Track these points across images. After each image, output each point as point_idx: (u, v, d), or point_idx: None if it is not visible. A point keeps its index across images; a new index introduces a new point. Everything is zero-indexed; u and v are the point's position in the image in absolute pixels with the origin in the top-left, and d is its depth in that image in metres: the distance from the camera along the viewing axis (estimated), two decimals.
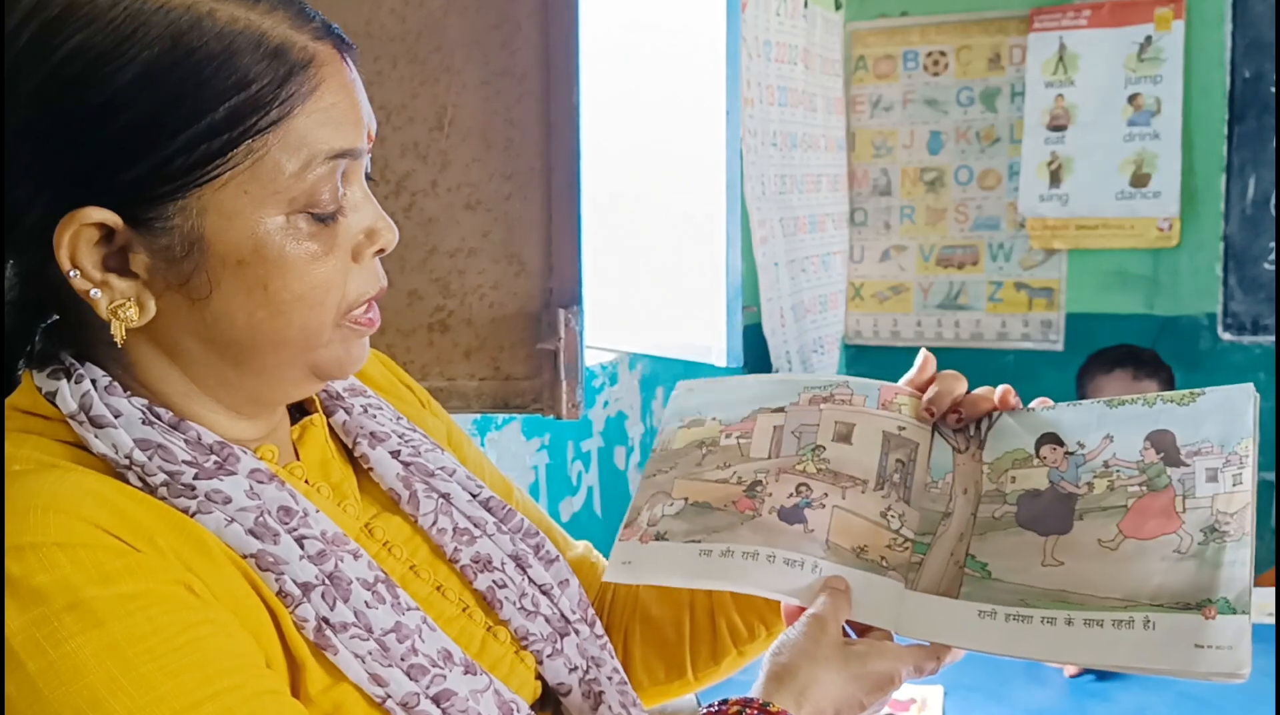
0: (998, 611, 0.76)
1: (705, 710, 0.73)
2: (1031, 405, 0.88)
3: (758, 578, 0.82)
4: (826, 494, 0.84)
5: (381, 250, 0.73)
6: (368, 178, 0.74)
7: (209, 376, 0.71)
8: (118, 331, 0.67)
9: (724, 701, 0.73)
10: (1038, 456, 0.83)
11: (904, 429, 0.87)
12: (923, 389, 0.90)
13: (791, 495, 0.85)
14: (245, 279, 0.67)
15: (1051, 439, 0.83)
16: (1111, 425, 0.81)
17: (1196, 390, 0.80)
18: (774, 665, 0.76)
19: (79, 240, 0.65)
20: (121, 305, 0.66)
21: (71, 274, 0.65)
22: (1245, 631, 0.70)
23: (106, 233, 0.66)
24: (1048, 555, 0.78)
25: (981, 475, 0.84)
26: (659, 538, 0.86)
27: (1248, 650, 0.69)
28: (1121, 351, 2.83)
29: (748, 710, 0.72)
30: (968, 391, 0.88)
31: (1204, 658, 0.69)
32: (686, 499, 0.88)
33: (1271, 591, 2.40)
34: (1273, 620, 2.19)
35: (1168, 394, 0.81)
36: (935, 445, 0.86)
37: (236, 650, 0.63)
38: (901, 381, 0.92)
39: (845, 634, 0.79)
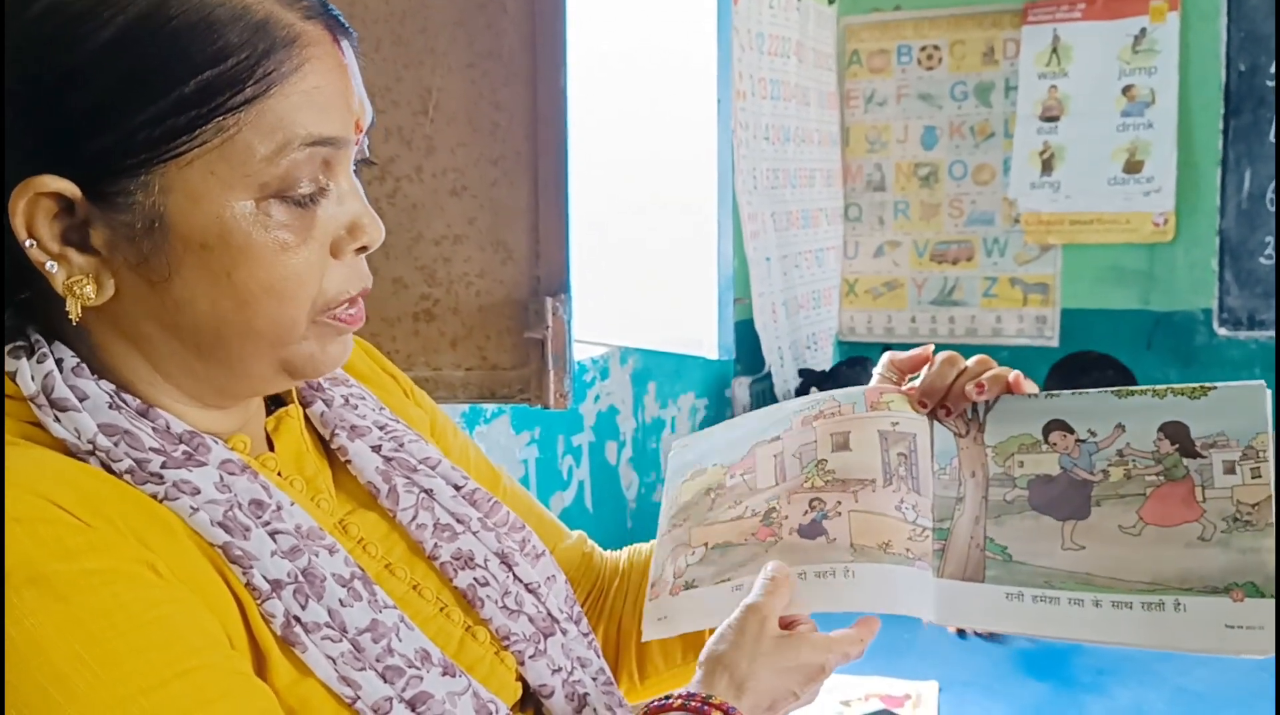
0: (1024, 593, 0.79)
1: (650, 706, 0.73)
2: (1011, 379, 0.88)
3: (803, 597, 0.83)
4: (840, 501, 0.85)
5: (365, 248, 0.69)
6: (370, 163, 0.71)
7: (172, 365, 0.68)
8: (73, 308, 0.64)
9: (667, 697, 0.73)
10: (1046, 442, 0.84)
11: (897, 424, 0.88)
12: (906, 374, 0.90)
13: (807, 511, 0.86)
14: (208, 265, 0.64)
15: (1060, 426, 0.85)
16: (1122, 415, 0.83)
17: (1206, 384, 0.82)
18: (712, 658, 0.77)
19: (36, 209, 0.62)
20: (78, 281, 0.63)
21: (28, 244, 0.63)
22: (1272, 613, 0.73)
23: (67, 204, 0.63)
24: (1067, 539, 0.80)
25: (986, 458, 0.86)
26: (688, 587, 0.88)
27: (1273, 630, 0.73)
28: (1089, 358, 2.85)
29: (691, 703, 0.72)
30: (966, 368, 0.88)
31: (1234, 638, 0.73)
32: (706, 544, 0.89)
33: None
34: None
35: (1177, 387, 0.83)
36: (937, 432, 0.87)
37: (204, 629, 0.61)
38: (882, 362, 0.92)
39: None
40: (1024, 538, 0.81)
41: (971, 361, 0.88)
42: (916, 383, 0.89)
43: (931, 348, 0.89)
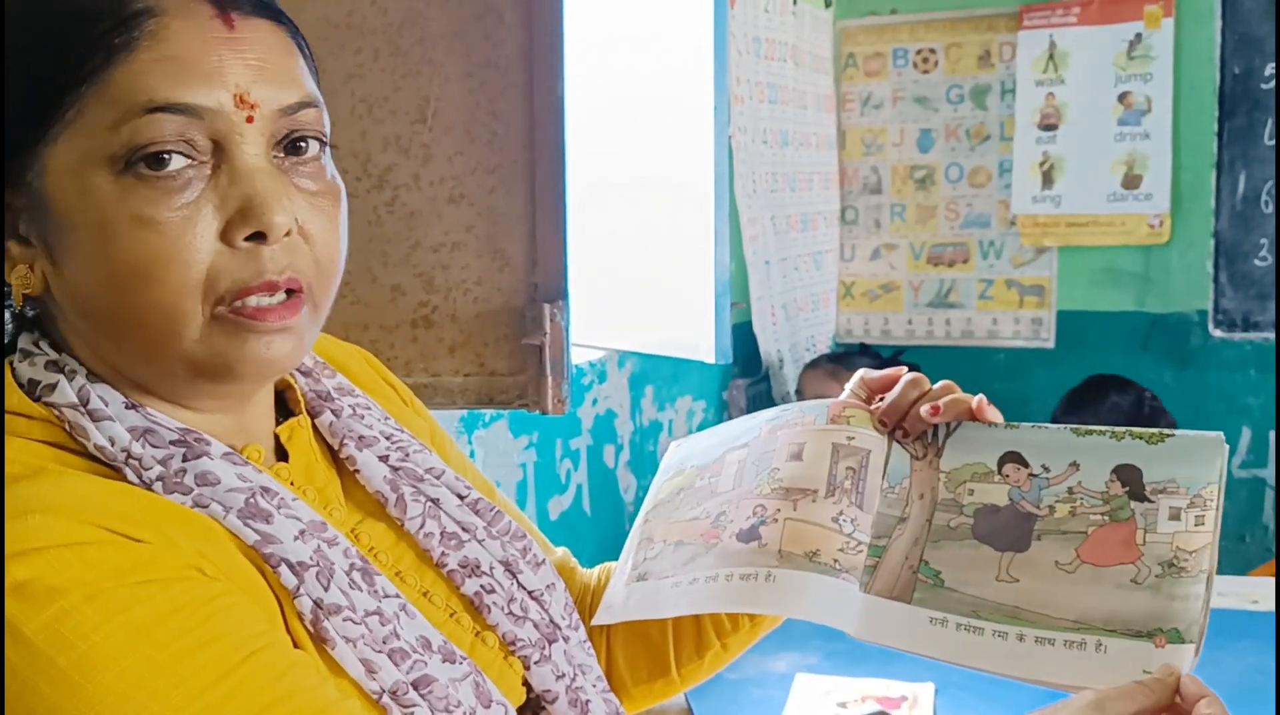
0: (949, 620, 0.78)
1: None
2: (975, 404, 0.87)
3: (720, 597, 0.85)
4: (779, 509, 0.87)
5: (260, 236, 0.65)
6: (293, 146, 0.68)
7: (101, 359, 0.68)
8: (16, 297, 0.66)
9: None
10: (999, 474, 0.84)
11: (853, 439, 0.89)
12: (876, 393, 0.90)
13: (749, 517, 0.87)
14: (84, 245, 0.64)
15: (1015, 458, 0.84)
16: (1078, 453, 0.83)
17: (1166, 431, 0.81)
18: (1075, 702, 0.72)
19: None
20: (21, 272, 0.65)
21: None
22: (1190, 658, 0.72)
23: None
24: (1003, 571, 0.80)
25: (938, 482, 0.85)
26: (640, 579, 0.90)
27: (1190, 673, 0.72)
28: (1106, 381, 2.89)
29: None
30: (928, 391, 0.88)
31: None
32: (665, 541, 0.91)
33: (1257, 581, 2.42)
34: (1256, 607, 2.20)
35: (1136, 431, 0.82)
36: (894, 452, 0.88)
37: (257, 616, 0.63)
38: (854, 380, 0.92)
39: None
40: (960, 565, 0.80)
41: (936, 386, 0.88)
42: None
43: (904, 369, 0.90)
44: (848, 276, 3.76)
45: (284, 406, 0.80)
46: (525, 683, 0.80)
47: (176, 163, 0.63)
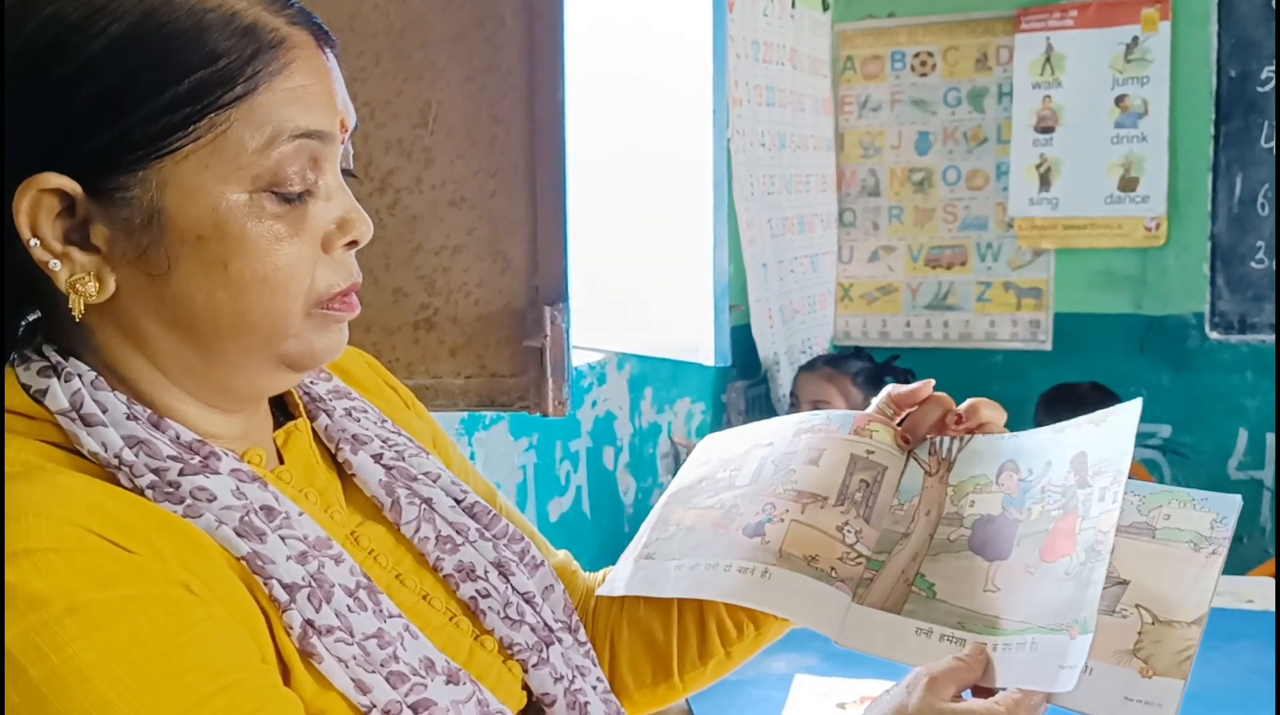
0: (934, 631, 0.79)
1: None
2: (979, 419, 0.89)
3: (715, 585, 0.86)
4: (788, 510, 0.88)
5: (354, 243, 0.71)
6: (350, 174, 0.73)
7: (174, 364, 0.70)
8: (75, 306, 0.66)
9: None
10: (997, 483, 0.86)
11: (873, 453, 0.90)
12: (903, 409, 0.92)
13: (758, 513, 0.89)
14: (205, 256, 0.66)
15: (1011, 466, 0.86)
16: (1051, 451, 0.84)
17: (1108, 411, 0.83)
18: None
19: (39, 209, 0.65)
20: (80, 279, 0.66)
21: (32, 243, 0.65)
22: (1086, 650, 0.72)
23: (69, 205, 0.65)
24: (989, 581, 0.81)
25: (945, 498, 0.87)
26: (647, 557, 0.92)
27: (1079, 668, 0.72)
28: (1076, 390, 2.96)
29: None
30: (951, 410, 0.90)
31: (1061, 678, 0.72)
32: (679, 524, 0.93)
33: (1253, 580, 2.42)
34: (1251, 607, 2.20)
35: (1090, 417, 0.84)
36: (909, 469, 0.90)
37: (238, 646, 0.63)
38: (881, 396, 0.94)
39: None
40: (953, 577, 0.82)
41: (962, 407, 0.90)
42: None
43: (932, 383, 0.91)
44: (845, 279, 3.77)
45: (280, 412, 0.81)
46: (525, 686, 0.81)
47: (303, 188, 0.68)
